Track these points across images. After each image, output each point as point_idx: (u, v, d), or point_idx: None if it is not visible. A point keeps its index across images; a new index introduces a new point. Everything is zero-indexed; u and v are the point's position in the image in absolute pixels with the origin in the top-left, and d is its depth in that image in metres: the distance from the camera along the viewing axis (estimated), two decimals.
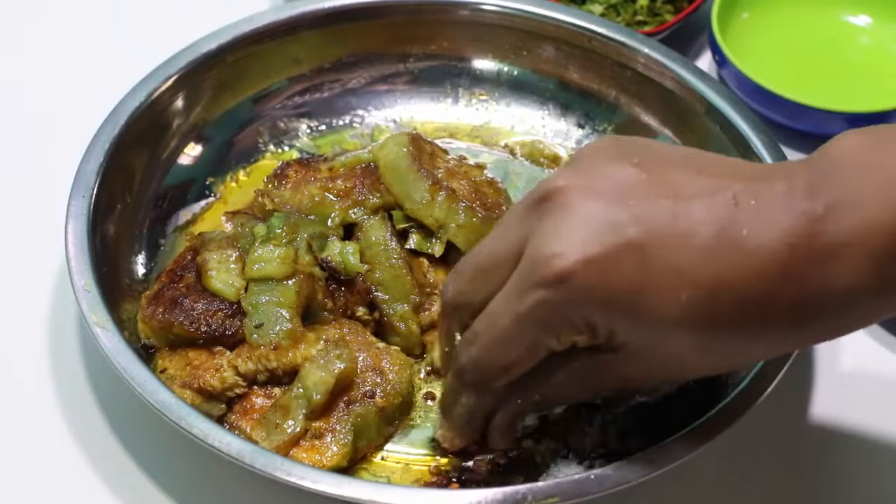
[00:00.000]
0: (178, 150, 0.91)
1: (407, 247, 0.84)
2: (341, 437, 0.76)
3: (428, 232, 0.85)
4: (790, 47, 1.03)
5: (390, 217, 0.85)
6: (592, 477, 0.71)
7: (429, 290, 0.84)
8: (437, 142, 0.93)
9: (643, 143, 0.68)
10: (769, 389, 0.75)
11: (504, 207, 0.88)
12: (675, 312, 0.63)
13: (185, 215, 0.90)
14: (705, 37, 1.03)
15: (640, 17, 1.04)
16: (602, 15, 1.02)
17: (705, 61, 1.05)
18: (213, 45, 0.91)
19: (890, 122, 0.94)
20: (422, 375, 0.82)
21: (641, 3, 1.04)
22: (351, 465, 0.77)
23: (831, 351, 0.86)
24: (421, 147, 0.87)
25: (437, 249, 0.84)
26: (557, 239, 0.63)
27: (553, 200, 0.64)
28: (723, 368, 0.72)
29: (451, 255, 0.85)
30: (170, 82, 0.89)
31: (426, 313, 0.83)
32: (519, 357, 0.68)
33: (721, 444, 0.73)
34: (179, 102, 0.91)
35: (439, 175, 0.86)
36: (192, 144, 0.92)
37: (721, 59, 0.98)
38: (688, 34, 1.05)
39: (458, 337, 0.72)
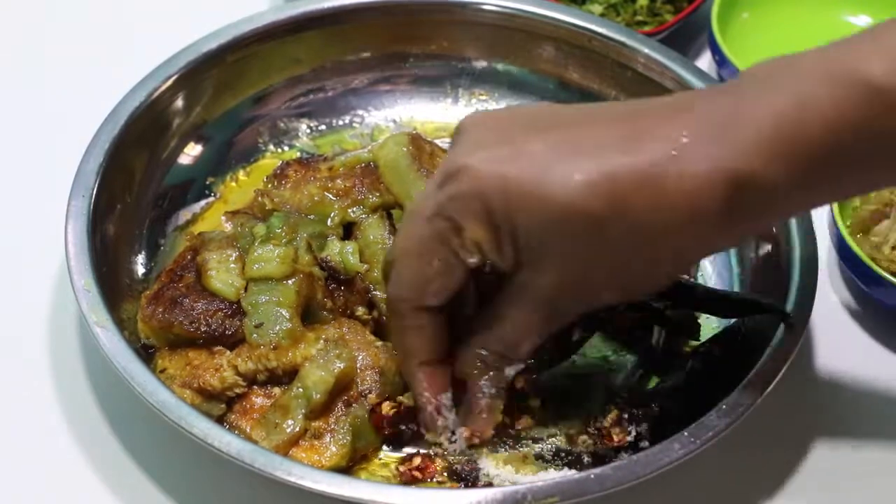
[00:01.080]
0: (178, 150, 0.92)
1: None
2: (340, 437, 0.76)
3: None
4: (790, 47, 1.01)
5: (389, 216, 0.85)
6: (592, 477, 0.71)
7: None
8: (437, 142, 0.93)
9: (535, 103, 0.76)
10: (768, 390, 0.75)
11: None
12: (572, 191, 0.65)
13: (185, 215, 0.91)
14: (705, 37, 1.03)
15: (640, 17, 1.04)
16: (602, 15, 1.02)
17: (705, 61, 1.05)
18: (213, 45, 0.91)
19: None
20: None
21: (641, 3, 1.04)
22: (350, 466, 0.77)
23: (831, 351, 0.87)
24: (421, 147, 0.87)
25: None
26: (459, 149, 0.69)
27: (460, 130, 0.71)
28: (645, 281, 0.71)
29: None
30: (170, 82, 0.89)
31: None
32: (431, 263, 0.70)
33: (721, 444, 0.73)
34: (179, 102, 0.91)
35: None
36: (192, 144, 0.92)
37: (721, 59, 0.99)
38: (688, 34, 1.05)
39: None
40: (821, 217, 0.88)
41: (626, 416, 0.77)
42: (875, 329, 0.88)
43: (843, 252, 0.87)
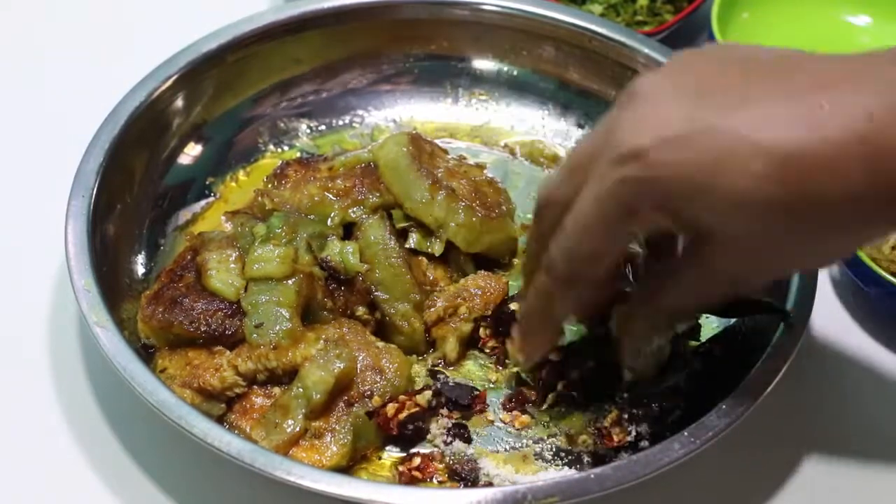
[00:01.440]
0: (178, 150, 0.92)
1: (407, 246, 0.84)
2: (341, 436, 0.76)
3: (428, 231, 0.85)
4: (790, 47, 1.03)
5: (389, 216, 0.85)
6: (592, 476, 0.71)
7: (428, 288, 0.84)
8: (437, 142, 0.93)
9: (733, 48, 0.70)
10: (768, 390, 0.75)
11: (504, 207, 0.88)
12: (749, 184, 0.63)
13: (185, 215, 0.91)
14: (705, 37, 1.04)
15: (640, 17, 1.04)
16: (602, 15, 1.02)
17: None
18: (213, 45, 0.92)
19: None
20: (425, 374, 0.82)
21: (641, 3, 1.04)
22: (351, 465, 0.77)
23: (831, 351, 0.87)
24: (421, 147, 0.87)
25: (437, 248, 0.85)
26: (634, 123, 0.65)
27: (634, 95, 0.66)
28: (819, 261, 0.71)
29: (450, 254, 0.86)
30: (170, 82, 0.89)
31: (431, 310, 0.83)
32: (604, 242, 0.68)
33: (721, 444, 0.73)
34: (179, 102, 0.91)
35: (439, 174, 0.86)
36: (192, 144, 0.92)
37: None
38: (688, 34, 1.05)
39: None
40: None
41: (625, 416, 0.77)
42: (875, 329, 0.88)
43: None
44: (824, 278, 0.91)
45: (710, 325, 0.84)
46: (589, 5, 1.04)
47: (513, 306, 0.83)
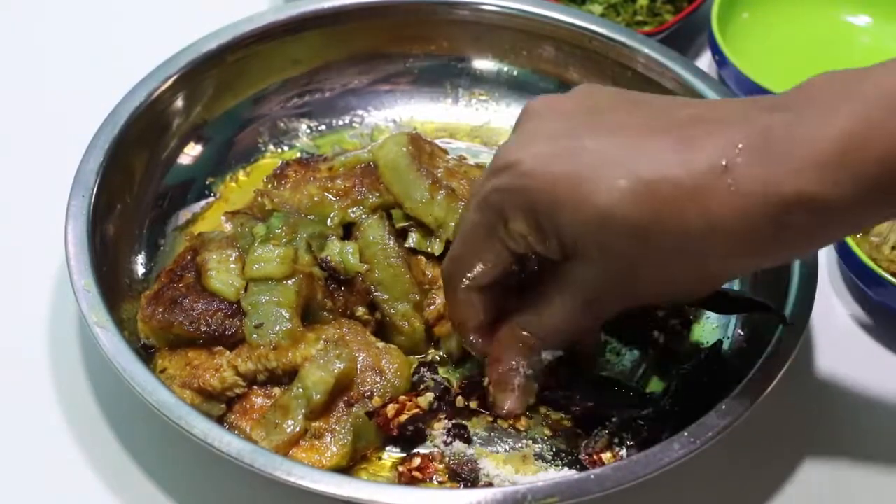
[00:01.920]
0: (178, 150, 0.92)
1: (406, 245, 0.84)
2: (341, 437, 0.76)
3: (427, 231, 0.85)
4: (790, 47, 1.03)
5: (389, 216, 0.85)
6: (592, 477, 0.71)
7: (428, 287, 0.84)
8: (437, 142, 0.93)
9: (633, 92, 0.72)
10: (768, 390, 0.75)
11: None
12: (612, 201, 0.65)
13: (185, 215, 0.90)
14: (705, 37, 1.03)
15: (640, 17, 1.04)
16: (602, 15, 1.02)
17: (705, 61, 1.05)
18: (213, 45, 0.91)
19: None
20: (424, 371, 0.82)
21: (641, 3, 1.04)
22: (351, 466, 0.77)
23: (831, 351, 0.87)
24: (420, 147, 0.87)
25: (437, 248, 0.84)
26: (515, 139, 0.71)
27: (523, 115, 0.72)
28: (684, 288, 0.71)
29: None
30: (170, 82, 0.89)
31: (432, 308, 0.83)
32: (480, 248, 0.72)
33: (721, 445, 0.73)
34: (179, 102, 0.91)
35: (439, 174, 0.86)
36: (192, 144, 0.92)
37: (721, 59, 0.98)
38: (688, 34, 1.05)
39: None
40: None
41: (616, 440, 0.77)
42: (875, 329, 0.88)
43: (844, 252, 0.87)
44: (824, 279, 0.90)
45: (710, 325, 0.84)
46: (589, 5, 1.04)
47: None
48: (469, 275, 0.74)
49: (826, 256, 0.92)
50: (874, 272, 0.84)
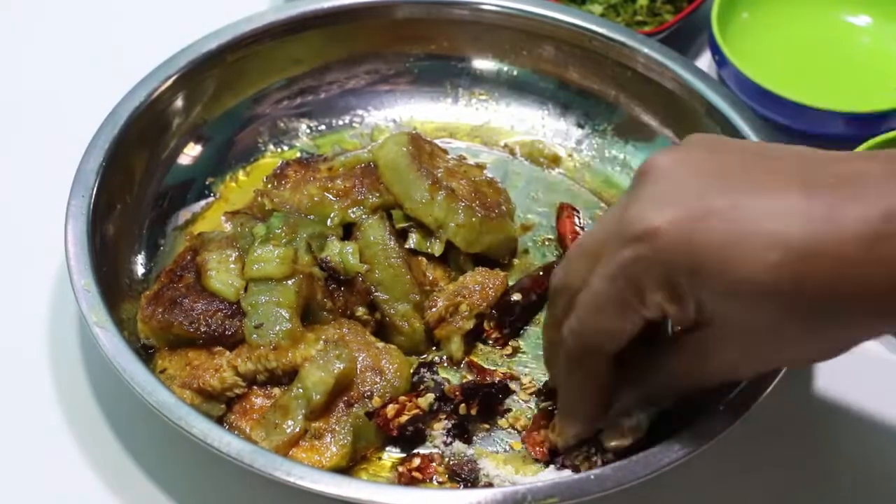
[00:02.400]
0: (178, 149, 0.91)
1: (406, 246, 0.84)
2: (341, 437, 0.76)
3: (427, 231, 0.85)
4: (790, 47, 1.03)
5: (389, 216, 0.85)
6: (592, 477, 0.71)
7: (428, 288, 0.84)
8: (437, 142, 0.93)
9: (750, 142, 0.71)
10: (768, 390, 0.75)
11: (503, 206, 0.88)
12: (762, 274, 0.62)
13: (184, 215, 0.90)
14: (705, 37, 1.03)
15: (640, 17, 1.04)
16: (602, 15, 1.02)
17: (705, 61, 1.04)
18: (213, 45, 0.91)
19: (890, 122, 0.94)
20: (424, 371, 0.82)
21: (641, 3, 1.04)
22: (351, 466, 0.77)
23: None
24: (420, 147, 0.87)
25: (437, 249, 0.85)
26: (647, 202, 0.65)
27: (648, 173, 0.66)
28: (815, 355, 0.70)
29: (450, 254, 0.86)
30: (170, 82, 0.89)
31: (433, 310, 0.83)
32: (615, 321, 0.68)
33: (720, 445, 0.73)
34: (179, 102, 0.91)
35: (439, 175, 0.86)
36: (192, 144, 0.92)
37: (721, 59, 0.98)
38: (688, 34, 1.05)
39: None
40: None
41: (593, 449, 0.76)
42: None
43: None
44: None
45: None
46: (589, 5, 1.04)
47: (515, 297, 0.84)
48: (600, 344, 0.69)
49: None
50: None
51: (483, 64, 0.98)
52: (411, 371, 0.81)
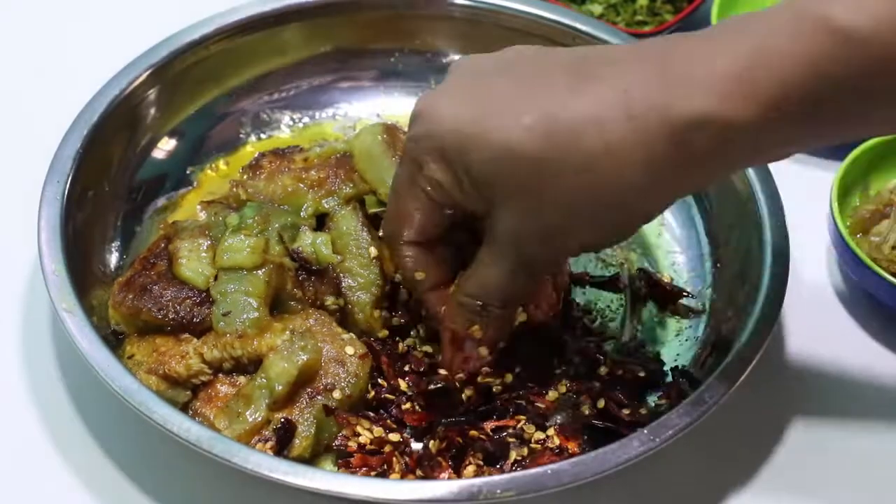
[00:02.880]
0: (158, 138, 0.92)
1: (381, 234, 0.84)
2: (304, 429, 0.76)
3: None
4: None
5: (362, 204, 0.85)
6: (549, 472, 0.71)
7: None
8: None
9: (527, 47, 0.73)
10: (733, 388, 0.74)
11: None
12: (518, 135, 0.66)
13: (162, 203, 0.91)
14: None
15: (639, 17, 1.03)
16: (601, 15, 1.02)
17: None
18: (195, 35, 0.92)
19: None
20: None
21: (641, 2, 1.04)
22: (315, 456, 0.77)
23: (831, 351, 0.86)
24: (395, 136, 0.87)
25: None
26: (425, 96, 0.73)
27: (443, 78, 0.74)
28: (602, 221, 0.70)
29: None
30: (151, 71, 0.90)
31: None
32: (405, 201, 0.73)
33: (684, 439, 0.73)
34: (160, 92, 0.91)
35: None
36: (171, 133, 0.93)
37: None
38: None
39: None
40: (820, 217, 0.88)
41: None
42: (875, 329, 0.88)
43: (843, 252, 0.86)
44: (824, 278, 0.90)
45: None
46: (589, 5, 1.03)
47: None
48: (402, 230, 0.75)
49: (826, 256, 0.91)
50: (874, 272, 0.83)
51: None
52: (371, 365, 0.80)
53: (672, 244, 0.90)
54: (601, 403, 0.77)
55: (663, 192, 0.69)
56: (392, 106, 0.98)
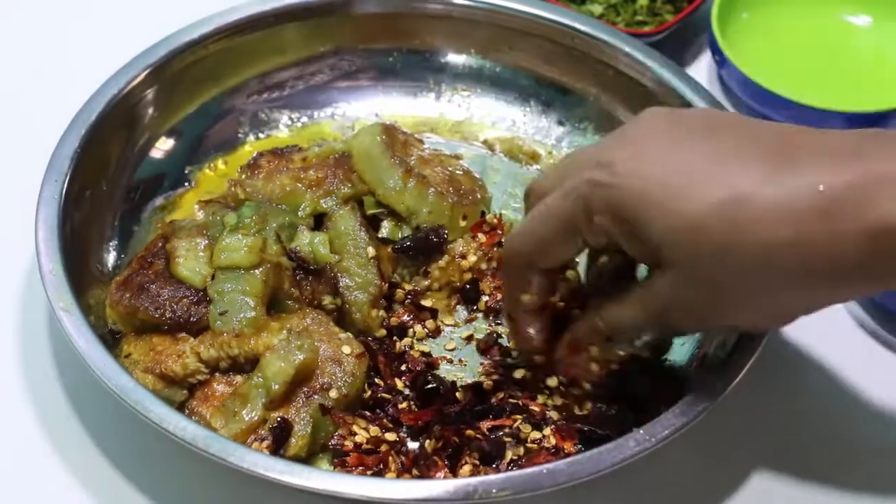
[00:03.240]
0: (156, 138, 0.92)
1: (380, 235, 0.85)
2: (300, 428, 0.76)
3: (400, 219, 0.85)
4: (790, 47, 1.02)
5: (360, 204, 0.85)
6: (545, 471, 0.71)
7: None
8: (418, 136, 0.93)
9: (723, 113, 0.73)
10: (727, 391, 0.74)
11: (478, 195, 0.88)
12: (703, 209, 0.65)
13: (160, 203, 0.91)
14: (705, 37, 1.03)
15: (639, 17, 1.03)
16: (601, 15, 1.02)
17: (705, 61, 1.04)
18: (194, 34, 0.92)
19: (890, 122, 0.93)
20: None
21: (641, 3, 1.03)
22: (311, 456, 0.77)
23: (831, 352, 0.86)
24: (394, 136, 0.87)
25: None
26: (619, 142, 0.70)
27: (634, 122, 0.71)
28: (758, 316, 0.70)
29: None
30: (149, 71, 0.90)
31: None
32: (556, 233, 0.71)
33: (682, 438, 0.72)
34: (159, 91, 0.91)
35: (412, 163, 0.86)
36: (170, 133, 0.93)
37: (721, 59, 0.98)
38: (688, 34, 1.04)
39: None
40: None
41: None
42: (874, 329, 0.87)
43: None
44: None
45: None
46: (589, 5, 1.03)
47: None
48: (534, 254, 0.73)
49: None
50: None
51: (466, 60, 0.98)
52: (367, 365, 0.80)
53: None
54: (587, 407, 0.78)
55: (830, 296, 0.69)
56: (390, 105, 0.98)
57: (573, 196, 0.69)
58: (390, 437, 0.77)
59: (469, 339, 0.85)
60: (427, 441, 0.76)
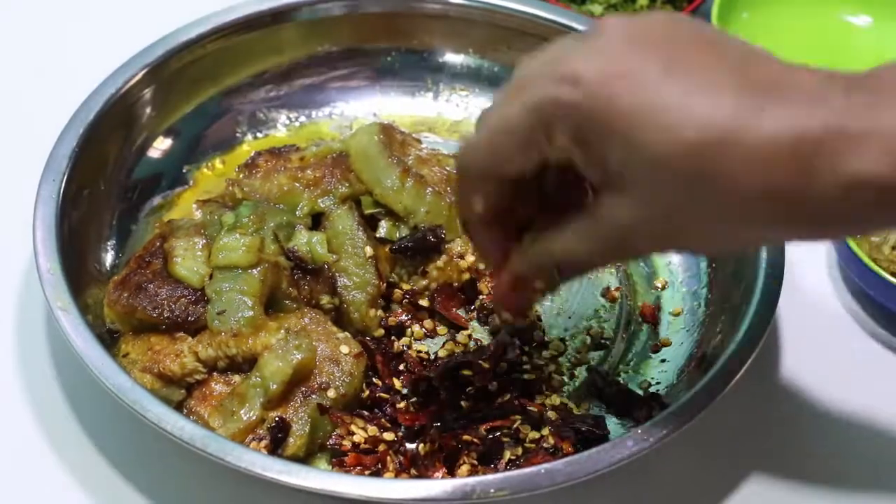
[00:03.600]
0: (154, 137, 0.92)
1: (378, 235, 0.85)
2: (298, 428, 0.76)
3: (398, 219, 0.85)
4: (790, 47, 1.02)
5: (358, 204, 0.85)
6: (543, 471, 0.71)
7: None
8: (416, 136, 0.93)
9: (709, 28, 0.68)
10: (725, 391, 0.74)
11: None
12: (673, 147, 0.62)
13: (157, 202, 0.91)
14: None
15: None
16: (601, 15, 1.02)
17: None
18: (192, 34, 0.92)
19: None
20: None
21: (641, 3, 1.04)
22: (309, 455, 0.77)
23: (831, 351, 0.86)
24: (392, 136, 0.87)
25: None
26: (586, 52, 0.65)
27: (597, 30, 0.66)
28: (707, 242, 0.69)
29: None
30: (147, 70, 0.90)
31: None
32: (514, 148, 0.67)
33: (679, 439, 0.72)
34: (157, 91, 0.91)
35: (410, 162, 0.86)
36: (168, 132, 0.93)
37: None
38: None
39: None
40: None
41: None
42: (874, 329, 0.88)
43: (843, 252, 0.86)
44: (824, 279, 0.90)
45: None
46: (589, 5, 1.03)
47: None
48: (493, 166, 0.70)
49: (826, 256, 0.91)
50: (874, 272, 0.83)
51: (464, 59, 0.98)
52: (365, 365, 0.80)
53: None
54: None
55: (797, 235, 0.68)
56: (388, 105, 0.98)
57: (535, 113, 0.66)
58: (388, 436, 0.77)
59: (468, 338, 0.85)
60: (422, 445, 0.76)
